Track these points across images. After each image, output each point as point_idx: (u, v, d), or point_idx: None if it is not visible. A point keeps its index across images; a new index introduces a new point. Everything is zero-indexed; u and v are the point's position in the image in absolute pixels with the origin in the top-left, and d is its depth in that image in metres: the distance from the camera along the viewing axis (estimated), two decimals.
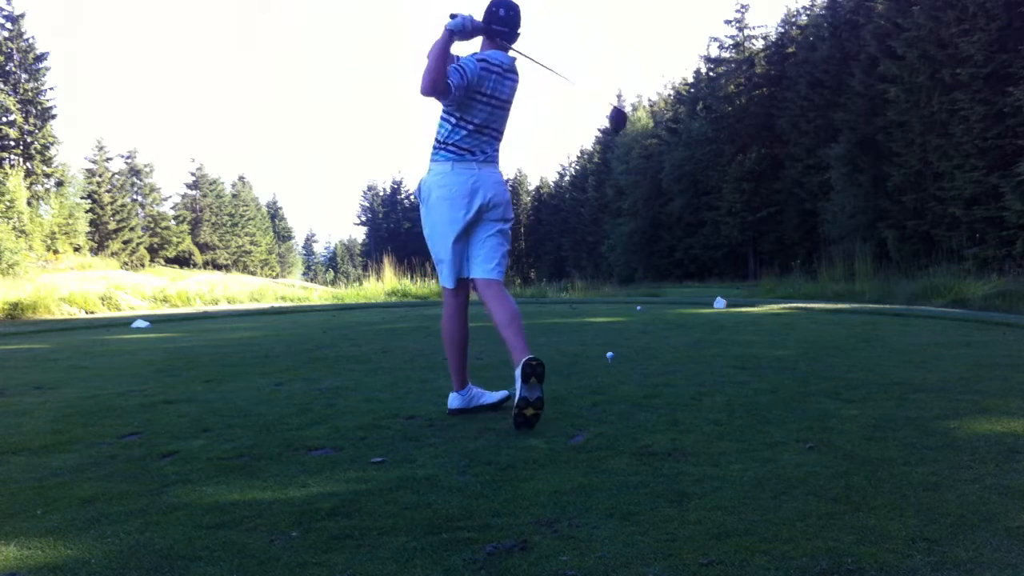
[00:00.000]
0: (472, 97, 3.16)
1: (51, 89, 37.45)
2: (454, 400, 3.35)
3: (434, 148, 3.27)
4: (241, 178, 69.50)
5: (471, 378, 3.44)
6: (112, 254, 42.82)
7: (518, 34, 3.28)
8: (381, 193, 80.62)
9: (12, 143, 35.51)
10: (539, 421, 2.98)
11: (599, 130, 55.12)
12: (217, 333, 8.56)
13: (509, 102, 3.30)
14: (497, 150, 3.33)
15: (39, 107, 36.78)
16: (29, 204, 33.43)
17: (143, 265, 44.88)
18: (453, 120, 3.21)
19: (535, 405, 2.93)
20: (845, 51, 25.17)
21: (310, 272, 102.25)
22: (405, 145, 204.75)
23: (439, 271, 3.36)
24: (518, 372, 2.95)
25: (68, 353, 6.52)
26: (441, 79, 3.02)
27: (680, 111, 40.96)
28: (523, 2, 3.31)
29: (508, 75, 3.26)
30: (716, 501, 2.03)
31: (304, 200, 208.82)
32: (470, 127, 3.20)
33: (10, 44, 35.80)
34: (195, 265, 52.09)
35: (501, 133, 3.33)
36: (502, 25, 3.22)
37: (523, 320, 3.20)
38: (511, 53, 3.30)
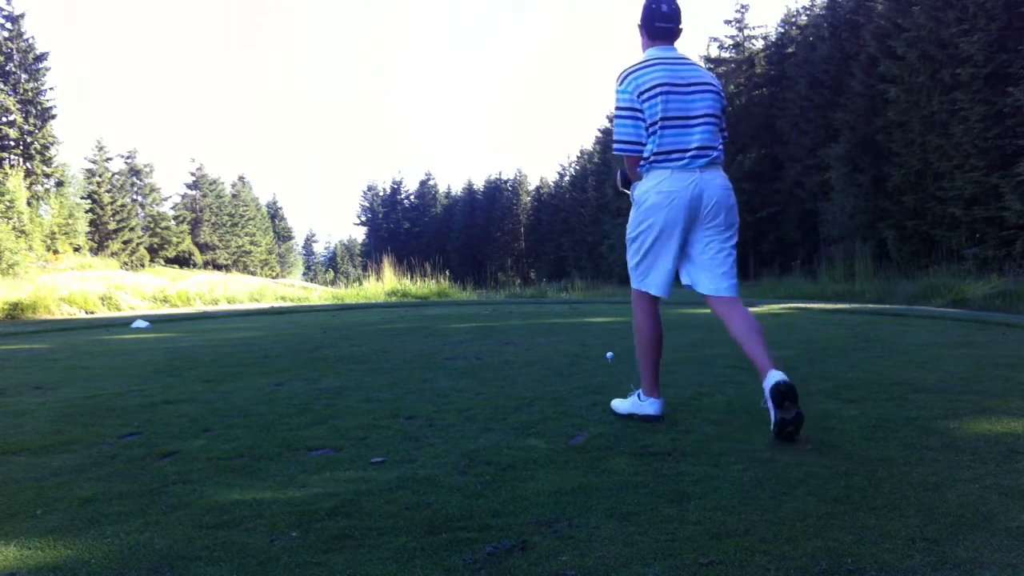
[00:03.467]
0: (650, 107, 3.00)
1: (51, 89, 37.44)
2: (657, 406, 3.08)
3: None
4: (241, 178, 69.52)
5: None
6: (112, 254, 42.83)
7: (681, 29, 3.16)
8: (381, 193, 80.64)
9: (12, 143, 35.50)
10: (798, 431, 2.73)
11: (599, 130, 55.14)
12: (217, 333, 8.56)
13: (704, 84, 3.05)
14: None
15: (39, 107, 36.77)
16: (29, 204, 33.43)
17: (143, 265, 44.87)
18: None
19: (795, 423, 2.69)
20: (845, 51, 25.17)
21: (310, 272, 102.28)
22: (405, 145, 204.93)
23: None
24: (768, 392, 2.74)
25: (68, 353, 6.51)
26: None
27: None
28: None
29: (685, 62, 3.09)
30: (716, 501, 2.03)
31: (304, 200, 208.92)
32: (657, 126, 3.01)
33: (10, 44, 35.79)
34: (195, 265, 52.10)
35: (709, 117, 3.03)
36: (666, 21, 3.11)
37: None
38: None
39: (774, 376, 2.72)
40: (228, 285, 22.65)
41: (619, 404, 3.23)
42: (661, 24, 3.10)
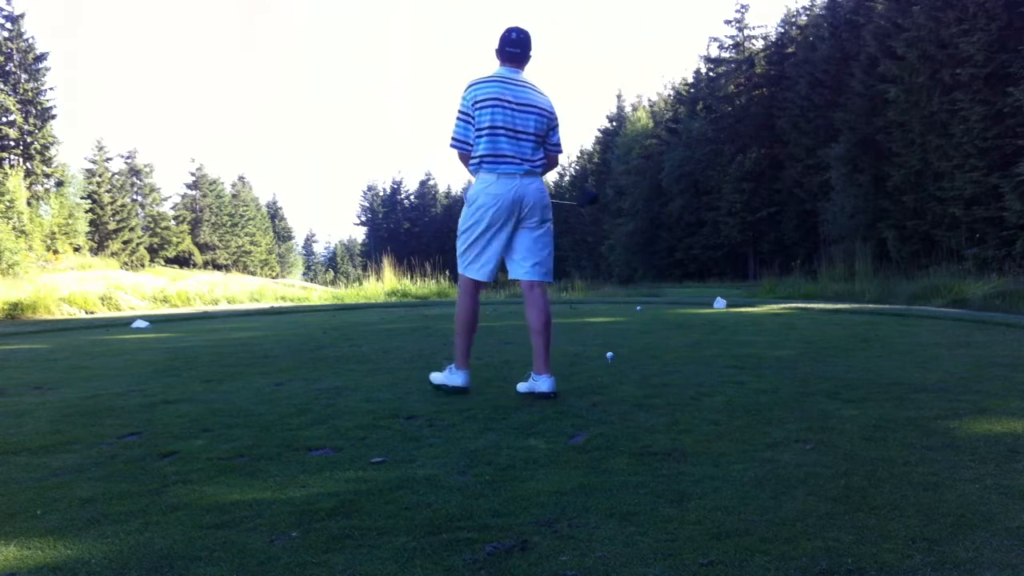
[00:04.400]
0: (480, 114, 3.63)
1: (51, 89, 37.47)
2: (463, 378, 3.77)
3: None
4: (241, 178, 69.62)
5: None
6: (112, 254, 42.84)
7: (529, 55, 3.73)
8: (381, 193, 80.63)
9: (12, 143, 35.50)
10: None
11: (599, 131, 55.22)
12: (217, 333, 8.56)
13: (533, 107, 3.66)
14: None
15: (39, 107, 36.77)
16: (29, 204, 33.44)
17: (143, 265, 44.88)
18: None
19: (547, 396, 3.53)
20: (845, 51, 25.17)
21: (310, 272, 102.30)
22: (405, 145, 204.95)
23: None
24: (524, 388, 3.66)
25: (68, 353, 6.51)
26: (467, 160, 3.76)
27: (680, 111, 40.97)
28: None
29: (523, 84, 3.69)
30: (716, 501, 2.03)
31: (304, 200, 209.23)
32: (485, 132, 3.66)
33: (10, 44, 35.80)
34: (195, 265, 52.12)
35: (533, 135, 3.68)
36: (514, 47, 3.68)
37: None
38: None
39: (545, 383, 3.57)
40: (228, 285, 22.64)
41: (435, 376, 3.89)
42: (510, 49, 3.69)
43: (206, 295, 19.44)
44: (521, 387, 3.77)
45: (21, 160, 35.93)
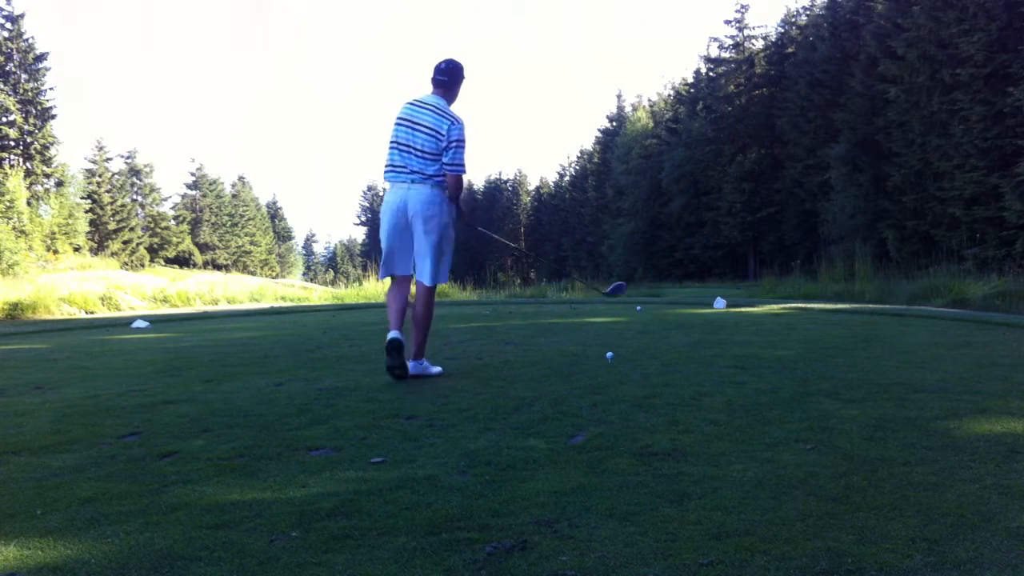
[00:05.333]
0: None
1: (51, 89, 37.49)
2: (414, 367, 4.29)
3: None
4: (241, 178, 69.63)
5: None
6: (112, 254, 42.85)
7: (457, 82, 4.36)
8: (381, 193, 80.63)
9: (12, 143, 35.50)
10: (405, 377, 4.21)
11: (599, 131, 55.24)
12: (217, 333, 8.55)
13: (426, 127, 4.20)
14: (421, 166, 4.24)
15: (39, 107, 36.77)
16: (29, 204, 33.45)
17: (143, 265, 44.89)
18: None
19: (399, 367, 4.16)
20: (845, 51, 25.18)
21: (310, 272, 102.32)
22: None
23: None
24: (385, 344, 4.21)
25: (68, 353, 6.51)
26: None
27: (680, 111, 41.01)
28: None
29: (429, 108, 4.24)
30: (716, 501, 2.03)
31: (304, 200, 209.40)
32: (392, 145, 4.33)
33: (10, 44, 35.80)
34: (195, 265, 52.13)
35: (422, 152, 4.23)
36: (441, 75, 4.30)
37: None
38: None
39: (391, 334, 4.17)
40: (228, 285, 22.61)
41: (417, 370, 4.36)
42: (438, 77, 4.33)
43: (206, 295, 19.43)
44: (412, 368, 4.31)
45: (21, 160, 35.93)
